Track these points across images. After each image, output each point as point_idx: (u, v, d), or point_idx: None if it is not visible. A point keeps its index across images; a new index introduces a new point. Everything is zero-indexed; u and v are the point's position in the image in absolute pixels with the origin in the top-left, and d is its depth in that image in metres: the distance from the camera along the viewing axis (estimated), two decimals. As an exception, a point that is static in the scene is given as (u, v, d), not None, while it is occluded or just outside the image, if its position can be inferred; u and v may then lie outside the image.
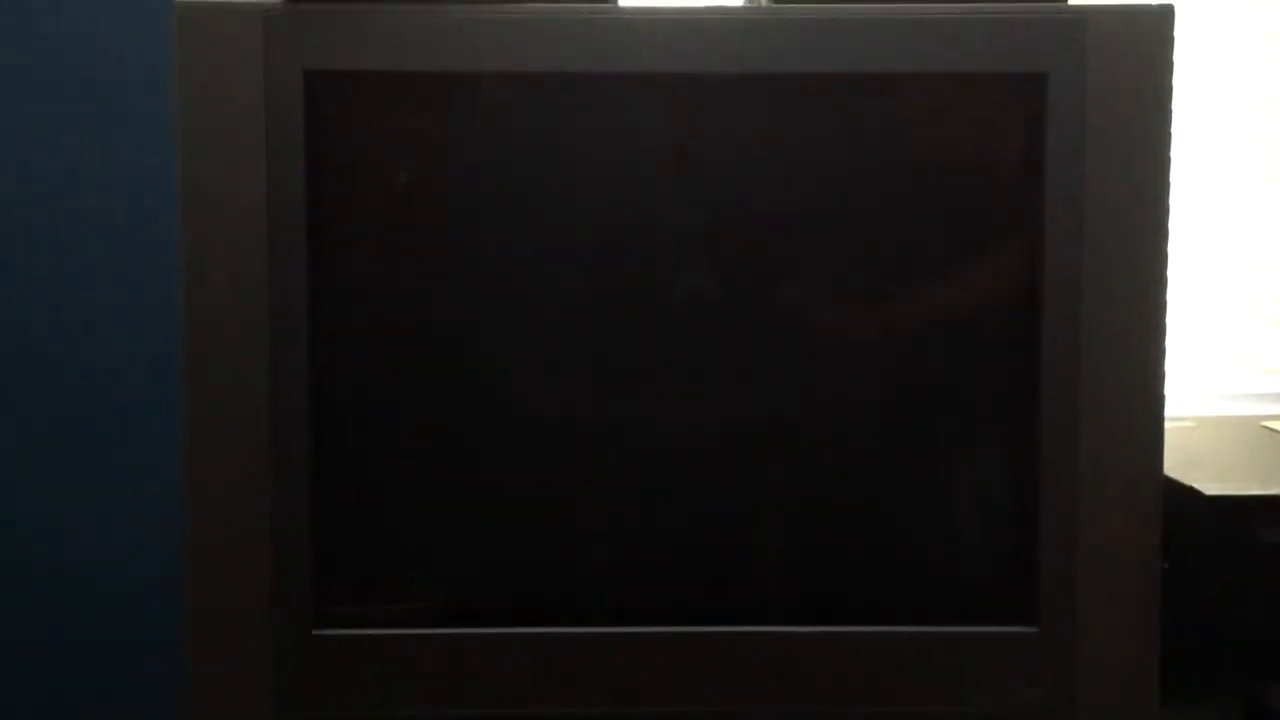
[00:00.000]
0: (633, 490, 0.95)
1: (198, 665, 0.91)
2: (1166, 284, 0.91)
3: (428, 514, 0.95)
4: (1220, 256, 1.61)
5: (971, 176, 0.93)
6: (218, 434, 0.89)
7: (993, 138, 0.93)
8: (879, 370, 0.95)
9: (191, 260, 0.89)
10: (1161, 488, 0.92)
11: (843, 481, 0.95)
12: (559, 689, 0.92)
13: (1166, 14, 0.90)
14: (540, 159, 0.93)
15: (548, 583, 0.95)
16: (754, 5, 0.96)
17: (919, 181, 0.93)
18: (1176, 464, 1.02)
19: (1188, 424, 1.33)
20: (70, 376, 1.34)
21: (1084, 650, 0.91)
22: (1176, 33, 0.90)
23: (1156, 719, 0.92)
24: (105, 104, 1.32)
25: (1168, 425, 0.92)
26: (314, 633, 0.91)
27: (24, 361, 1.34)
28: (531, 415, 0.94)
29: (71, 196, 1.33)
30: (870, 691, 0.92)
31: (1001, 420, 0.94)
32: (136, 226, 1.32)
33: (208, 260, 0.89)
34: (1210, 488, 1.00)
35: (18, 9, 1.32)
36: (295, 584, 0.90)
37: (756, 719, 0.93)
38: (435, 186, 0.94)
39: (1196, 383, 1.60)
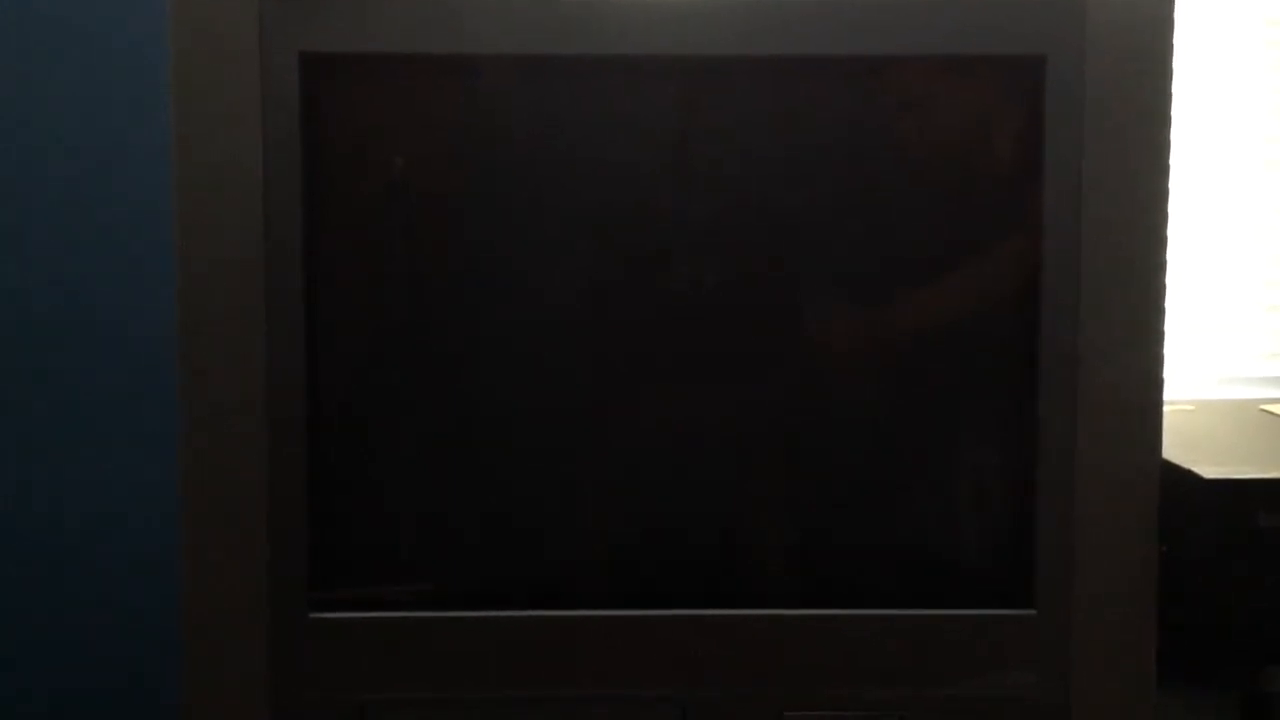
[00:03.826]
0: (629, 474, 0.95)
1: (194, 650, 0.91)
2: (1166, 268, 0.91)
3: (423, 497, 0.95)
4: (1220, 240, 1.61)
5: (968, 160, 0.93)
6: (212, 418, 0.89)
7: (990, 121, 0.93)
8: (875, 353, 0.95)
9: (186, 244, 0.89)
10: (1160, 471, 0.92)
11: (838, 464, 0.95)
12: (555, 671, 0.92)
13: (1167, -4, 0.89)
14: (539, 142, 0.92)
15: (544, 565, 0.95)
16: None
17: (914, 165, 0.93)
18: (1175, 447, 1.02)
19: (1187, 407, 1.33)
20: (67, 360, 1.34)
21: (1080, 633, 0.91)
22: (1177, 16, 0.89)
23: (1153, 702, 0.92)
24: (99, 88, 1.32)
25: (1166, 409, 0.92)
26: (310, 616, 0.91)
27: (20, 354, 1.34)
28: (526, 400, 0.94)
29: (64, 184, 1.33)
30: (865, 673, 0.92)
31: (999, 402, 0.94)
32: (130, 213, 1.32)
33: (203, 244, 0.89)
34: (1209, 471, 1.00)
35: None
36: (291, 567, 0.90)
37: (750, 701, 0.93)
38: (432, 169, 0.94)
39: (1195, 366, 1.60)
